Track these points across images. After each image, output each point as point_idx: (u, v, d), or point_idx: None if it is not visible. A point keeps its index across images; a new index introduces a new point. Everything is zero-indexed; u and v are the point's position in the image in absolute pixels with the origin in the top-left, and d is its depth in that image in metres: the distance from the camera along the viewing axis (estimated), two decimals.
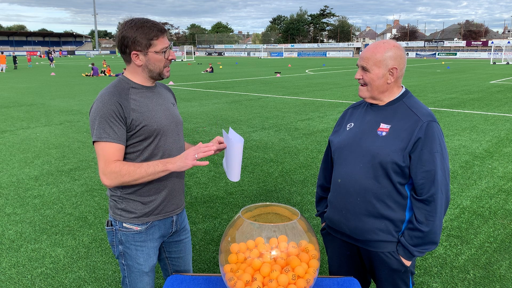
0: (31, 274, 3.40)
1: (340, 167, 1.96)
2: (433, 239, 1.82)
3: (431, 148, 1.77)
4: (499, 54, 55.83)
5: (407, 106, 1.86)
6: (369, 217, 1.88)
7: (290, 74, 28.26)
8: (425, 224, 1.80)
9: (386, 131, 1.84)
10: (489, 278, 3.29)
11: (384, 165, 1.80)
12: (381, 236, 1.89)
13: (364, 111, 1.98)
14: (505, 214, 4.53)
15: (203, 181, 5.69)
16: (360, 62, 1.87)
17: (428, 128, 1.78)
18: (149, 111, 1.89)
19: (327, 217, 2.09)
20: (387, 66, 1.82)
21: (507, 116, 10.54)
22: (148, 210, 1.96)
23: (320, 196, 2.24)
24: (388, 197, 1.85)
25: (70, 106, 12.92)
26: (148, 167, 1.80)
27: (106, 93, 1.83)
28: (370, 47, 1.86)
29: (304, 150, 7.25)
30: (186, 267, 2.27)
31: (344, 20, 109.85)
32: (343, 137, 1.98)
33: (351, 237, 1.98)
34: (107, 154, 1.79)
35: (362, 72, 1.87)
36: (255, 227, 1.60)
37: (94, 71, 26.70)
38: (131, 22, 1.83)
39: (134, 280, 2.04)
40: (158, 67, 1.89)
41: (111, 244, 2.03)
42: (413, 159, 1.79)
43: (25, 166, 6.41)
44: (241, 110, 11.84)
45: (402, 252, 1.88)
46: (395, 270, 1.91)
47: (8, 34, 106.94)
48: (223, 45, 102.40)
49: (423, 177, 1.78)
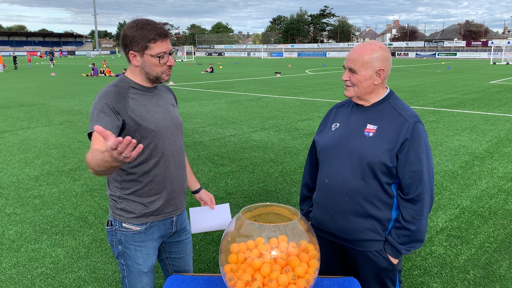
0: (31, 274, 3.40)
1: (327, 168, 1.96)
2: (420, 237, 1.86)
3: (418, 148, 1.80)
4: (499, 54, 55.80)
5: (393, 107, 1.89)
6: (357, 217, 1.90)
7: (290, 74, 28.27)
8: (412, 223, 1.83)
9: (373, 132, 1.86)
10: (489, 278, 3.30)
11: (372, 165, 1.82)
12: (369, 235, 1.91)
13: (350, 111, 1.99)
14: (505, 214, 4.53)
15: (203, 181, 5.69)
16: (347, 63, 1.87)
17: (414, 129, 1.81)
18: (147, 112, 1.88)
19: (313, 217, 2.10)
20: (374, 67, 1.83)
21: (507, 116, 10.54)
22: (148, 211, 1.96)
23: (304, 196, 2.25)
24: (375, 197, 1.87)
25: (70, 106, 12.92)
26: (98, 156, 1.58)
27: (105, 91, 1.85)
28: (357, 49, 1.86)
29: (304, 150, 7.25)
30: (186, 268, 2.27)
31: (344, 20, 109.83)
32: (329, 137, 1.99)
33: (338, 237, 1.99)
34: (93, 140, 1.70)
35: (349, 73, 1.88)
36: (255, 227, 1.60)
37: (94, 71, 26.70)
38: (135, 22, 1.84)
39: (133, 280, 2.04)
40: (154, 71, 1.87)
41: (110, 244, 2.04)
42: (400, 160, 1.81)
43: (25, 166, 6.42)
44: (241, 110, 11.84)
45: (390, 251, 1.90)
46: (382, 269, 1.94)
47: (8, 34, 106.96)
48: (223, 45, 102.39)
49: (410, 177, 1.81)
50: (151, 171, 1.93)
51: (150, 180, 1.93)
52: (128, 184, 1.92)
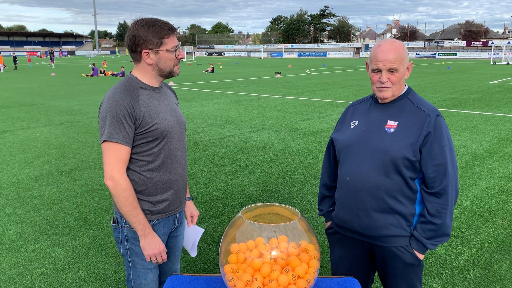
0: (31, 274, 3.40)
1: (348, 165, 1.95)
2: (446, 231, 1.85)
3: (440, 142, 1.80)
4: (499, 54, 55.82)
5: (412, 102, 1.89)
6: (380, 213, 1.89)
7: (290, 74, 28.27)
8: (437, 217, 1.83)
9: (394, 128, 1.86)
10: (489, 278, 3.29)
11: (395, 161, 1.81)
12: (394, 231, 1.90)
13: (368, 109, 1.98)
14: (505, 214, 4.53)
15: (203, 181, 5.69)
16: (386, 64, 1.82)
17: (436, 122, 1.82)
18: (157, 113, 1.90)
19: (336, 216, 2.08)
20: (406, 63, 1.87)
21: (507, 116, 10.54)
22: (154, 209, 1.98)
23: (324, 195, 2.23)
24: (398, 192, 1.86)
25: (70, 106, 12.92)
26: (137, 218, 1.88)
27: (118, 92, 1.82)
28: (390, 48, 1.82)
29: (304, 150, 7.25)
30: (175, 265, 2.27)
31: (344, 20, 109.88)
32: (348, 135, 1.98)
33: (362, 234, 1.98)
34: (120, 156, 1.81)
35: (388, 74, 1.84)
36: (255, 227, 1.60)
37: (94, 71, 26.71)
38: (142, 21, 1.85)
39: (139, 277, 2.05)
40: (168, 65, 1.91)
41: (116, 241, 2.05)
42: (424, 153, 1.81)
43: (25, 167, 6.42)
44: (241, 110, 11.84)
45: (416, 246, 1.90)
46: (408, 264, 1.93)
47: (8, 34, 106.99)
48: (223, 45, 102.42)
49: (434, 171, 1.81)
50: (159, 171, 1.94)
51: (157, 180, 1.95)
52: (136, 183, 1.93)
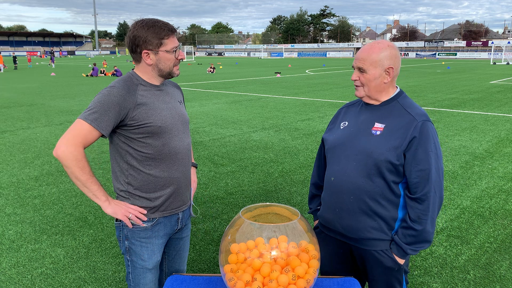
0: (31, 274, 3.40)
1: (333, 166, 1.97)
2: (426, 237, 1.84)
3: (426, 147, 1.78)
4: (499, 54, 55.79)
5: (402, 106, 1.88)
6: (362, 215, 1.89)
7: (290, 74, 28.27)
8: (418, 223, 1.82)
9: (381, 130, 1.85)
10: (489, 279, 3.29)
11: (378, 163, 1.81)
12: (374, 234, 1.90)
13: (359, 110, 1.99)
14: (505, 214, 4.53)
15: (203, 181, 5.69)
16: (356, 63, 1.87)
17: (423, 127, 1.79)
18: (154, 109, 1.91)
19: (321, 215, 2.09)
20: (383, 66, 1.83)
21: (507, 116, 10.54)
22: (154, 206, 1.98)
23: (313, 194, 2.25)
24: (381, 196, 1.86)
25: (70, 106, 12.92)
26: (97, 185, 1.85)
27: (116, 84, 1.87)
28: (365, 48, 1.86)
29: (304, 150, 7.25)
30: (181, 266, 2.28)
31: (344, 20, 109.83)
32: (337, 136, 1.99)
33: (344, 236, 1.99)
34: (84, 136, 1.79)
35: (358, 73, 1.88)
36: (255, 227, 1.60)
37: (94, 71, 26.70)
38: (142, 22, 1.87)
39: (137, 277, 2.05)
40: (168, 66, 1.92)
41: (118, 240, 2.06)
42: (408, 158, 1.80)
43: (25, 167, 6.42)
44: (241, 110, 11.84)
45: (396, 250, 1.89)
46: (388, 268, 1.92)
47: (8, 34, 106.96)
48: (223, 45, 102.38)
49: (418, 176, 1.79)
50: (158, 167, 1.95)
51: (156, 176, 1.95)
52: (135, 179, 1.94)
